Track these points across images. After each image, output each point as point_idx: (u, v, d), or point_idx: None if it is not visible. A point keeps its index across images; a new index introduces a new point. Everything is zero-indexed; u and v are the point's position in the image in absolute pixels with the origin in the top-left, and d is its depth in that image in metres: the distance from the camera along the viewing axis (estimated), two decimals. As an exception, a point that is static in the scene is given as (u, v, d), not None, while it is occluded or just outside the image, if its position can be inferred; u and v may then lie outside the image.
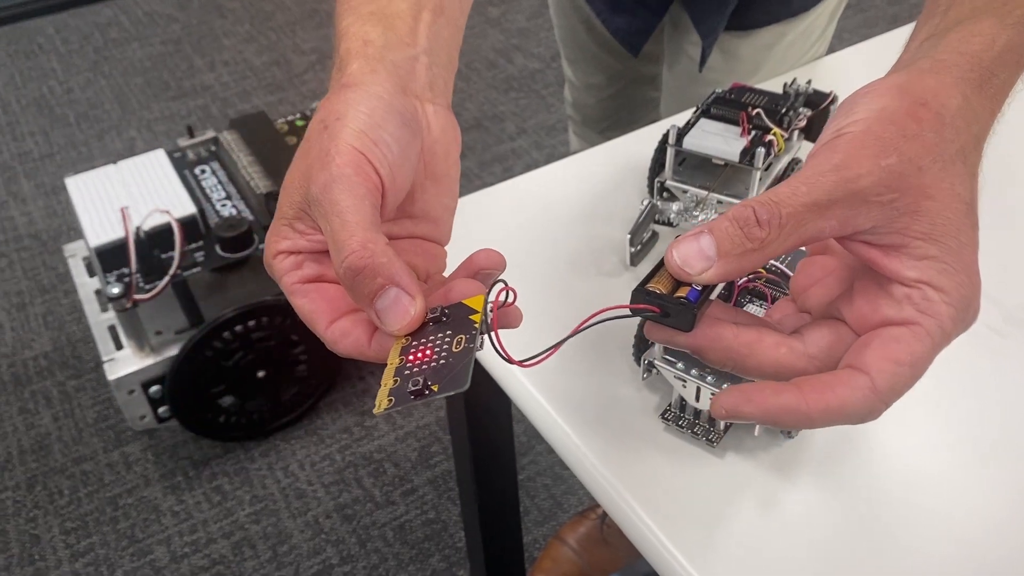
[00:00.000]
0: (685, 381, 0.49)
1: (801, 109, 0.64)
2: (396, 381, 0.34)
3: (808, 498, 0.49)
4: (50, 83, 2.28)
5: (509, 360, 0.35)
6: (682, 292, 0.35)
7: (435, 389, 0.33)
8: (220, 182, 1.35)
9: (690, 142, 0.60)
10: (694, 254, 0.33)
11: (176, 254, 1.19)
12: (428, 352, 0.34)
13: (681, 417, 0.52)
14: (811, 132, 0.65)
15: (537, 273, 0.63)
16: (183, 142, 1.43)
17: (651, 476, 0.50)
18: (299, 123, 1.47)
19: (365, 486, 1.35)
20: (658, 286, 0.36)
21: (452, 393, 0.32)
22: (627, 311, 0.36)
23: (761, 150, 0.57)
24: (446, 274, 0.41)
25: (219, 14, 2.53)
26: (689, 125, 0.62)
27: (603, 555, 1.17)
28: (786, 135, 0.61)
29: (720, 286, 0.39)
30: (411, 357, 0.34)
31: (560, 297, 0.61)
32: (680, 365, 0.49)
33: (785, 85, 0.65)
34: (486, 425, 0.75)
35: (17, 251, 1.78)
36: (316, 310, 0.36)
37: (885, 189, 0.32)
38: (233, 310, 1.22)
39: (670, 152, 0.61)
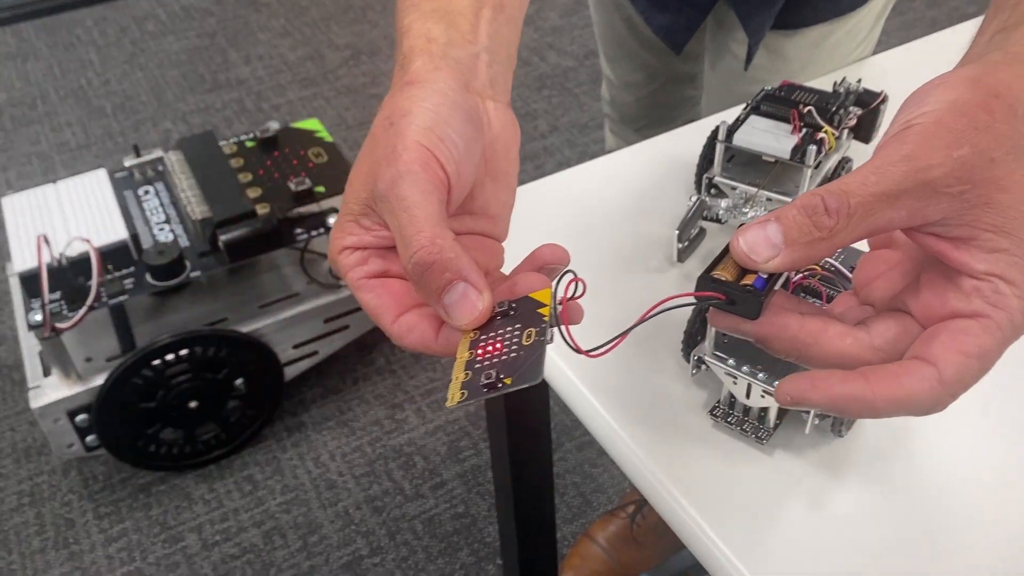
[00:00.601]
0: (736, 378, 0.49)
1: (851, 108, 0.63)
2: (467, 375, 0.34)
3: (857, 498, 0.48)
4: (88, 75, 2.31)
5: (578, 351, 0.35)
6: (748, 280, 0.35)
7: (508, 382, 0.33)
8: (162, 204, 1.32)
9: (740, 138, 0.60)
10: (761, 242, 0.33)
11: (93, 283, 1.16)
12: (498, 346, 0.34)
13: (730, 414, 0.51)
14: (861, 131, 0.64)
15: (583, 270, 0.63)
16: (129, 161, 1.39)
17: (698, 471, 0.50)
18: (249, 144, 1.40)
19: (395, 479, 1.35)
20: (723, 274, 0.35)
21: (525, 386, 0.33)
22: (692, 299, 0.36)
23: (812, 147, 0.57)
24: (506, 269, 0.41)
25: (254, 8, 2.55)
26: (739, 122, 0.61)
27: (633, 554, 1.17)
28: (836, 133, 0.60)
29: (784, 276, 0.39)
30: (481, 351, 0.34)
31: (608, 294, 0.61)
32: (731, 362, 0.49)
33: (835, 84, 0.65)
34: (524, 415, 0.75)
35: (54, 239, 1.80)
36: (382, 305, 0.36)
37: (956, 180, 0.32)
38: (166, 338, 1.20)
39: (719, 148, 0.61)
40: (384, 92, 0.41)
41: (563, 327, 0.35)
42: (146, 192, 1.35)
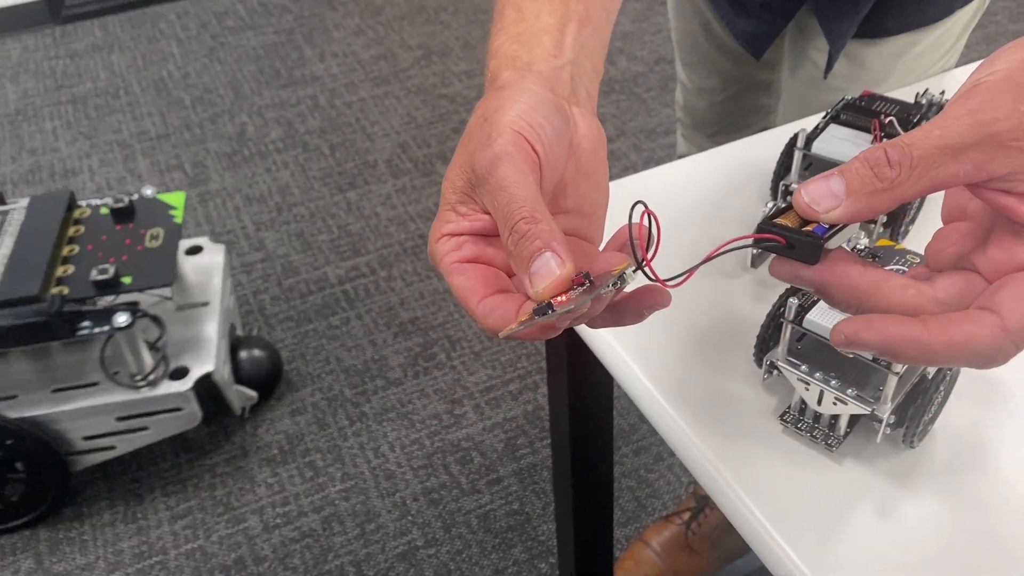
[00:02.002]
0: (808, 384, 0.49)
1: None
2: (528, 317, 0.35)
3: (927, 510, 0.48)
4: (169, 67, 2.38)
5: (656, 279, 0.35)
6: (809, 228, 0.35)
7: (557, 308, 0.34)
8: None
9: (820, 147, 0.60)
10: (823, 193, 0.34)
11: None
12: (564, 298, 0.35)
13: (800, 420, 0.52)
14: (943, 143, 0.64)
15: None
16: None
17: (766, 475, 0.50)
18: (103, 211, 1.28)
19: (452, 472, 1.37)
20: (785, 222, 0.36)
21: (571, 309, 0.33)
22: (752, 241, 0.36)
23: (894, 158, 0.57)
24: None
25: (330, 7, 2.60)
26: (818, 130, 0.61)
27: (687, 561, 1.17)
28: (918, 145, 0.60)
29: (848, 236, 0.39)
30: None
31: (681, 298, 0.61)
32: (804, 368, 0.50)
33: (917, 95, 0.64)
34: (588, 411, 0.76)
35: (133, 225, 1.87)
36: (470, 287, 0.37)
37: None
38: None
39: (797, 156, 0.61)
40: (453, 92, 0.43)
41: (639, 253, 0.35)
42: None
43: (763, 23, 0.87)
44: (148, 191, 1.32)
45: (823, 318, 0.48)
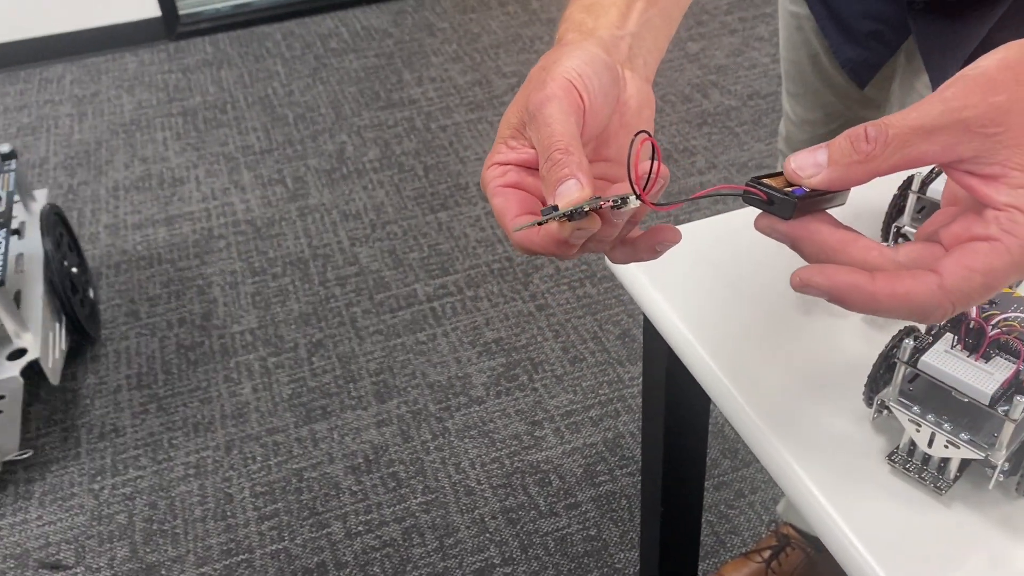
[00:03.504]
0: (920, 425, 0.50)
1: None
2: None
3: (1039, 561, 0.48)
4: (274, 84, 2.48)
5: (642, 198, 0.39)
6: (789, 190, 0.40)
7: (561, 208, 0.38)
8: None
9: (935, 190, 0.60)
10: (809, 162, 0.39)
11: None
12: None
13: (909, 461, 0.52)
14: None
15: (766, 310, 0.65)
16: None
17: (873, 515, 0.51)
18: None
19: (531, 494, 1.39)
20: (772, 182, 0.40)
21: (572, 210, 0.38)
22: (740, 191, 0.41)
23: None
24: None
25: (429, 33, 2.68)
26: (934, 173, 0.62)
27: (765, 599, 1.16)
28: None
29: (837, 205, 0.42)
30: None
31: (790, 334, 0.62)
32: (916, 409, 0.50)
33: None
34: (682, 437, 0.77)
35: (234, 234, 1.95)
36: (507, 206, 0.43)
37: (990, 122, 0.36)
38: None
39: (912, 199, 0.61)
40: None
41: (634, 176, 0.39)
42: None
43: (869, 52, 0.88)
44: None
45: (939, 361, 0.49)
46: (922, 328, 0.53)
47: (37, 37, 2.64)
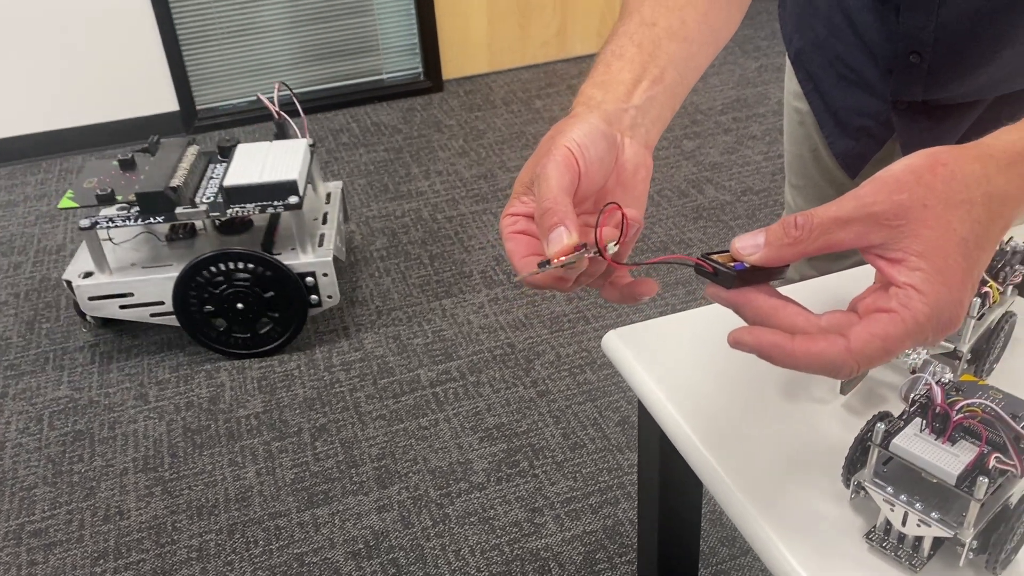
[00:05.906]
0: (893, 505, 0.53)
1: (1017, 266, 0.67)
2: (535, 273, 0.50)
3: (1010, 636, 0.50)
4: (286, 177, 2.57)
5: (604, 257, 0.49)
6: (732, 264, 0.48)
7: (553, 262, 0.48)
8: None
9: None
10: (750, 243, 0.47)
11: None
12: (564, 259, 0.48)
13: (885, 540, 0.55)
14: (1026, 289, 0.68)
15: (746, 396, 0.69)
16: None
17: (852, 590, 0.53)
18: None
19: (530, 581, 1.39)
20: (720, 259, 0.48)
21: (563, 263, 0.47)
22: (692, 263, 0.49)
23: (977, 300, 0.61)
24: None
25: (437, 129, 2.79)
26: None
27: None
28: (1001, 289, 0.65)
29: (781, 277, 0.50)
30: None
31: (771, 419, 0.66)
32: (890, 489, 0.53)
33: (1002, 243, 0.69)
34: (676, 527, 0.79)
35: (243, 320, 2.00)
36: (516, 249, 0.52)
37: (894, 216, 0.44)
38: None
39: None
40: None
41: (598, 239, 0.49)
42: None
43: (860, 145, 0.96)
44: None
45: (909, 444, 0.53)
46: (894, 412, 0.57)
47: (58, 129, 2.75)
